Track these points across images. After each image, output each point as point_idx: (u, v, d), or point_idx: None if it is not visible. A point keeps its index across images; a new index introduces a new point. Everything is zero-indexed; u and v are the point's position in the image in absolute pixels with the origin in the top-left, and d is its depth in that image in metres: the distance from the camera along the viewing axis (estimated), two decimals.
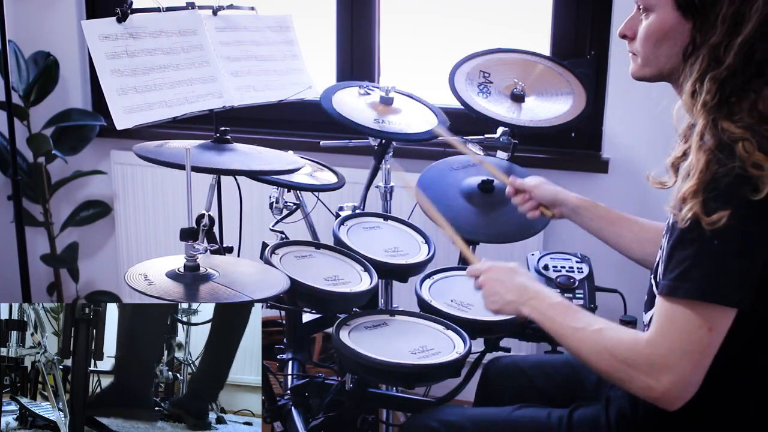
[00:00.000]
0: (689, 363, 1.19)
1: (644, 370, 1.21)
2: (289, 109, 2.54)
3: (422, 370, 1.52)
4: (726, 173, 1.16)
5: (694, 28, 1.28)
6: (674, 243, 1.21)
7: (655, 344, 1.21)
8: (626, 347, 1.24)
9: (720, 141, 1.19)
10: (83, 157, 3.02)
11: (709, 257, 1.17)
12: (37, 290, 3.10)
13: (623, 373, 1.24)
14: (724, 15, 1.23)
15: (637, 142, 2.49)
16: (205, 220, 1.62)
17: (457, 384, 1.71)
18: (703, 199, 1.16)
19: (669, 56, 1.33)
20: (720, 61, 1.23)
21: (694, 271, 1.18)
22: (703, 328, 1.18)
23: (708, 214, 1.15)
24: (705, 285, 1.17)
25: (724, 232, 1.15)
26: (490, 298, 1.46)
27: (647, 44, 1.35)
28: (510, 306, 1.43)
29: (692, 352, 1.19)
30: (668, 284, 1.21)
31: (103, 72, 1.96)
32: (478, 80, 2.26)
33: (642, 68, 1.39)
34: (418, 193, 1.80)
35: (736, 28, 1.23)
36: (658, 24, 1.32)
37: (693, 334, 1.18)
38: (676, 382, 1.19)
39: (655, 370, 1.20)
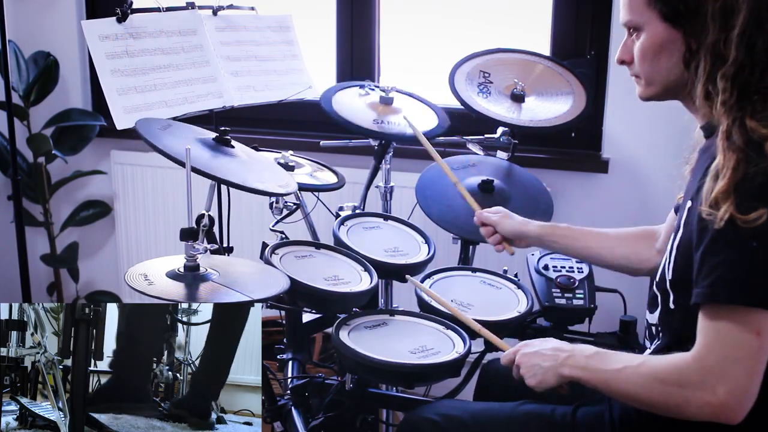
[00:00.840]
0: (742, 370, 1.15)
1: (698, 387, 1.17)
2: (289, 109, 2.54)
3: (422, 370, 1.52)
4: (759, 172, 1.14)
5: (687, 35, 1.28)
6: (708, 246, 1.18)
7: (704, 358, 1.17)
8: (673, 369, 1.21)
9: (749, 139, 1.17)
10: (83, 157, 3.02)
11: (747, 259, 1.14)
12: (37, 290, 3.10)
13: (678, 397, 1.20)
14: (712, 13, 1.23)
15: (637, 142, 2.49)
16: (205, 220, 1.62)
17: (457, 384, 1.71)
18: (737, 198, 1.14)
19: (669, 69, 1.32)
20: (724, 57, 1.22)
21: (733, 273, 1.15)
22: (750, 332, 1.14)
23: (744, 214, 1.12)
24: (746, 287, 1.14)
25: (763, 231, 1.12)
26: (530, 372, 1.39)
27: (645, 63, 1.35)
28: (550, 372, 1.36)
29: (743, 359, 1.15)
30: (705, 291, 1.17)
31: (103, 72, 1.97)
32: (478, 80, 2.26)
33: (647, 88, 1.38)
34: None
35: (728, 22, 1.22)
36: (650, 40, 1.32)
37: (741, 340, 1.14)
38: (732, 391, 1.15)
39: (709, 384, 1.16)
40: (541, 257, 2.03)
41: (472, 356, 1.65)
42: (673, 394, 1.20)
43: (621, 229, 1.70)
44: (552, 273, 1.99)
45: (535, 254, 2.05)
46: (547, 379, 1.37)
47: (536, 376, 1.38)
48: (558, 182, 2.56)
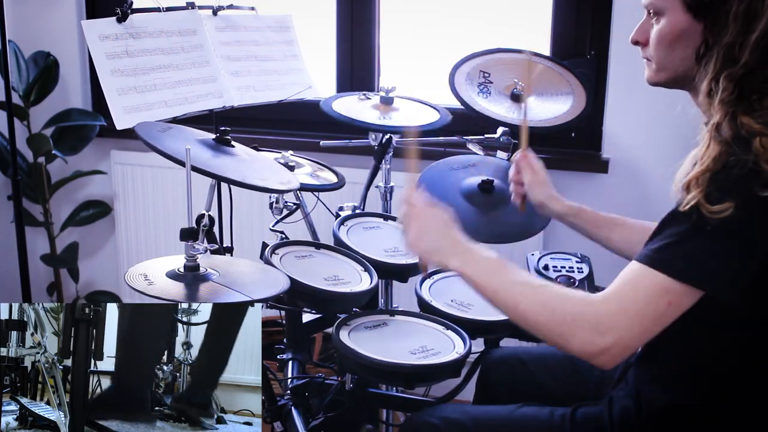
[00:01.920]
0: (638, 326, 1.18)
1: (589, 325, 1.19)
2: (289, 109, 2.54)
3: (422, 370, 1.52)
4: (738, 165, 1.15)
5: (706, 29, 1.27)
6: (666, 219, 1.21)
7: (609, 301, 1.20)
8: (574, 303, 1.22)
9: (737, 134, 1.18)
10: (83, 157, 3.02)
11: (696, 239, 1.16)
12: (37, 290, 3.10)
13: (565, 328, 1.21)
14: (736, 13, 1.22)
15: (637, 142, 2.49)
16: (205, 220, 1.62)
17: (457, 384, 1.71)
18: (709, 187, 1.15)
19: (683, 59, 1.32)
20: (735, 59, 1.22)
21: (677, 248, 1.17)
22: (663, 298, 1.17)
23: (711, 203, 1.14)
24: (683, 264, 1.16)
25: (723, 222, 1.13)
26: (419, 237, 1.38)
27: (660, 48, 1.34)
28: (437, 253, 1.36)
29: (644, 317, 1.18)
30: (647, 254, 1.19)
31: (103, 72, 1.97)
32: (478, 80, 2.26)
33: (657, 73, 1.37)
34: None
35: (749, 26, 1.22)
36: (669, 27, 1.32)
37: (652, 302, 1.17)
38: (618, 341, 1.18)
39: (602, 326, 1.18)
40: (541, 257, 2.03)
41: (472, 356, 1.65)
42: (563, 324, 1.22)
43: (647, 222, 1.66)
44: (552, 273, 1.98)
45: (535, 254, 2.05)
46: (428, 251, 1.37)
47: (423, 245, 1.38)
48: (558, 182, 2.54)
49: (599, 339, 1.18)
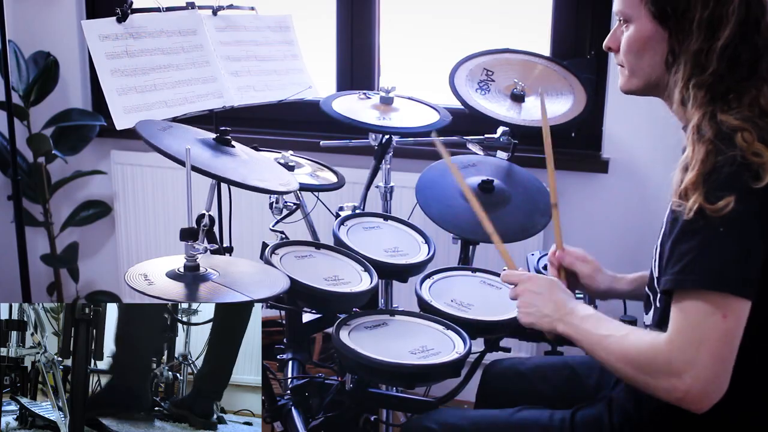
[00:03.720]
0: (707, 354, 1.14)
1: (664, 371, 1.18)
2: (289, 109, 2.54)
3: (422, 370, 1.52)
4: (727, 161, 1.15)
5: (671, 37, 1.28)
6: (677, 236, 1.19)
7: (672, 342, 1.18)
8: (645, 350, 1.21)
9: (719, 131, 1.19)
10: (83, 157, 3.02)
11: (715, 244, 1.15)
12: (37, 290, 3.09)
13: (646, 378, 1.21)
14: (699, 21, 1.24)
15: (637, 142, 2.49)
16: (205, 220, 1.62)
17: (457, 384, 1.71)
18: (706, 189, 1.15)
19: (652, 66, 1.33)
20: (703, 67, 1.24)
21: (699, 260, 1.16)
22: (715, 315, 1.14)
23: (712, 203, 1.14)
24: (712, 273, 1.15)
25: (729, 218, 1.13)
26: (526, 309, 1.43)
27: (629, 55, 1.36)
28: (545, 320, 1.39)
29: (708, 341, 1.14)
30: (672, 278, 1.18)
31: (103, 72, 1.97)
32: (479, 77, 2.26)
33: (629, 80, 1.39)
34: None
35: (714, 33, 1.23)
36: (637, 34, 1.33)
37: (706, 322, 1.15)
38: (698, 377, 1.15)
39: (675, 368, 1.16)
40: (541, 257, 2.03)
41: (472, 356, 1.65)
42: (642, 374, 1.22)
43: None
44: (551, 272, 1.98)
45: (535, 254, 2.05)
46: (540, 325, 1.41)
47: (531, 316, 1.42)
48: (558, 182, 2.55)
49: (679, 382, 1.17)
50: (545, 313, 1.40)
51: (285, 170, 1.94)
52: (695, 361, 1.15)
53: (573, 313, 1.36)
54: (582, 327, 1.34)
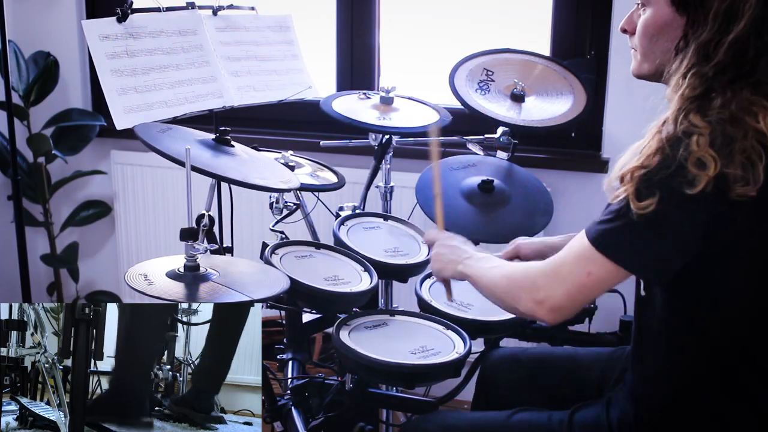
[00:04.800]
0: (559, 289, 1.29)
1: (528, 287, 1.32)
2: (289, 109, 2.54)
3: (422, 370, 1.52)
4: (666, 165, 1.18)
5: (687, 24, 1.28)
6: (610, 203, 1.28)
7: (545, 266, 1.32)
8: (522, 269, 1.38)
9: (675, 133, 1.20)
10: (83, 157, 3.02)
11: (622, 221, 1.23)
12: (37, 290, 3.10)
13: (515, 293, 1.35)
14: (716, 11, 1.23)
15: (637, 142, 2.49)
16: (205, 220, 1.62)
17: (457, 384, 1.71)
18: (639, 184, 1.20)
19: (664, 52, 1.33)
20: (709, 58, 1.23)
21: (606, 224, 1.25)
22: (585, 267, 1.26)
23: (639, 200, 1.19)
24: (604, 238, 1.24)
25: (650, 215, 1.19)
26: (436, 259, 1.58)
27: (644, 39, 1.36)
28: (450, 266, 1.54)
29: (565, 280, 1.28)
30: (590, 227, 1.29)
31: (103, 72, 1.97)
32: (479, 77, 2.26)
33: (641, 64, 1.39)
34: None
35: (727, 26, 1.23)
36: (653, 18, 1.33)
37: (576, 267, 1.27)
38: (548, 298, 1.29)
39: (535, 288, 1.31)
40: None
41: (472, 356, 1.65)
42: (513, 288, 1.36)
43: None
44: None
45: None
46: (445, 270, 1.56)
47: (438, 263, 1.58)
48: (558, 182, 2.56)
49: (535, 295, 1.31)
50: (450, 259, 1.54)
51: (285, 168, 1.94)
52: (552, 289, 1.30)
53: (472, 257, 1.52)
54: (476, 265, 1.49)
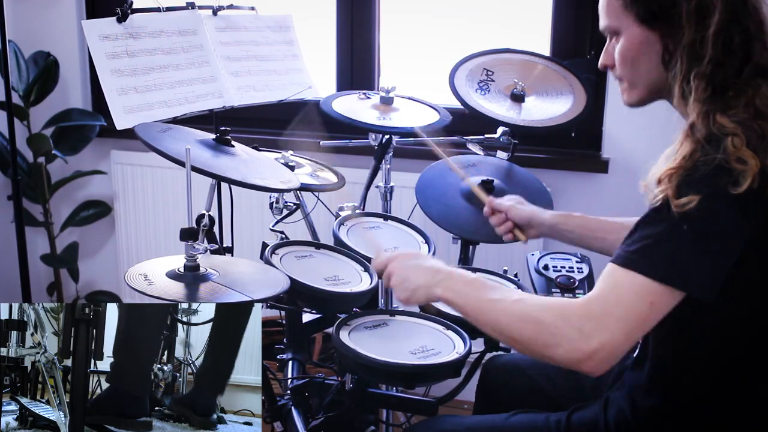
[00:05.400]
0: (621, 331, 1.16)
1: (574, 331, 1.17)
2: (289, 109, 2.54)
3: (422, 370, 1.52)
4: (706, 162, 1.15)
5: (663, 36, 1.28)
6: (642, 219, 1.21)
7: (591, 306, 1.18)
8: (553, 310, 1.20)
9: (710, 133, 1.18)
10: (83, 157, 3.02)
11: (673, 239, 1.16)
12: (37, 290, 3.10)
13: (550, 337, 1.19)
14: (687, 12, 1.23)
15: (637, 142, 2.49)
16: (205, 220, 1.62)
17: (457, 384, 1.71)
18: (678, 182, 1.16)
19: (649, 70, 1.32)
20: (699, 57, 1.23)
21: (655, 250, 1.17)
22: (645, 303, 1.16)
23: (678, 197, 1.15)
24: (663, 266, 1.16)
25: (694, 217, 1.14)
26: (401, 285, 1.40)
27: (625, 66, 1.35)
28: (421, 291, 1.37)
29: (627, 321, 1.16)
30: (626, 256, 1.19)
31: (103, 72, 1.97)
32: (479, 77, 2.26)
33: (631, 92, 1.38)
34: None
35: (704, 21, 1.22)
36: (628, 44, 1.32)
37: (633, 306, 1.16)
38: (605, 344, 1.16)
39: (586, 330, 1.16)
40: (541, 257, 2.03)
41: (472, 356, 1.65)
42: (546, 332, 1.19)
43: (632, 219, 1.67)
44: (552, 273, 1.98)
45: (535, 254, 2.05)
46: (417, 296, 1.38)
47: (406, 291, 1.39)
48: (558, 182, 2.56)
49: (585, 344, 1.16)
50: (420, 283, 1.37)
51: (286, 168, 1.94)
52: (610, 333, 1.16)
53: (452, 277, 1.35)
54: (464, 291, 1.32)
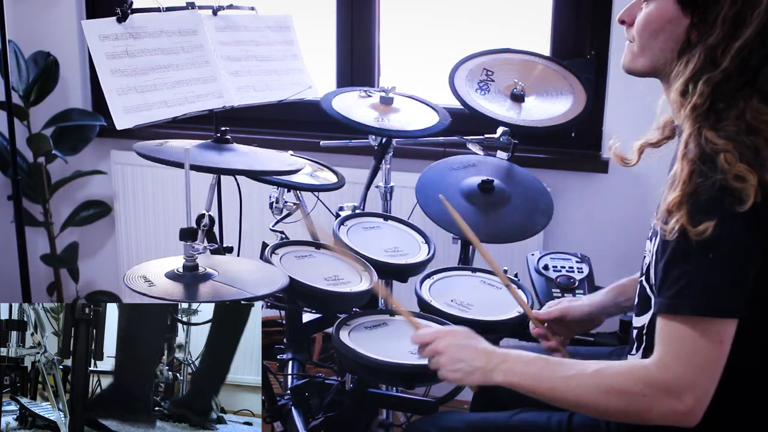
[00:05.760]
0: (706, 378, 1.17)
1: (664, 395, 1.17)
2: (289, 109, 2.54)
3: (422, 370, 1.52)
4: (709, 185, 1.15)
5: (692, 25, 1.26)
6: (669, 259, 1.19)
7: (668, 367, 1.18)
8: (635, 379, 1.20)
9: (703, 151, 1.18)
10: (83, 157, 3.02)
11: (704, 270, 1.15)
12: (37, 290, 3.09)
13: (640, 405, 1.19)
14: (725, 16, 1.22)
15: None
16: (205, 220, 1.62)
17: (457, 384, 1.71)
18: (688, 210, 1.15)
19: (664, 50, 1.31)
20: (716, 63, 1.22)
21: (692, 286, 1.16)
22: (714, 341, 1.16)
23: (694, 225, 1.14)
24: (706, 299, 1.16)
25: (714, 243, 1.14)
26: (453, 366, 1.34)
27: (644, 33, 1.33)
28: (477, 374, 1.32)
29: (707, 367, 1.17)
30: (668, 302, 1.18)
31: (103, 72, 1.96)
32: (479, 77, 2.26)
33: (636, 58, 1.36)
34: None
35: (735, 31, 1.21)
36: (657, 13, 1.30)
37: (705, 349, 1.16)
38: (699, 398, 1.17)
39: (675, 392, 1.17)
40: (541, 257, 2.03)
41: None
42: (636, 402, 1.19)
43: None
44: (552, 273, 1.99)
45: (535, 254, 2.05)
46: (472, 379, 1.33)
47: (459, 372, 1.34)
48: (558, 182, 2.56)
49: (680, 404, 1.17)
50: (476, 366, 1.32)
51: (287, 155, 1.93)
52: (698, 384, 1.17)
53: (509, 359, 1.31)
54: (530, 372, 1.29)
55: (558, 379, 1.26)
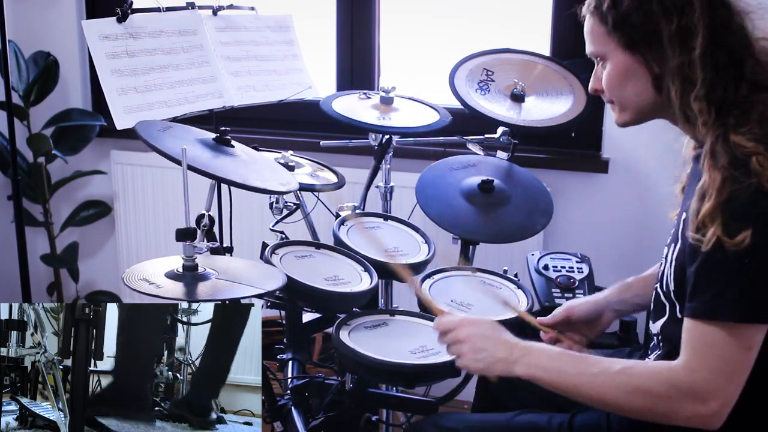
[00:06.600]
0: (732, 383, 1.17)
1: (689, 398, 1.18)
2: (289, 109, 2.54)
3: (422, 370, 1.52)
4: (743, 191, 1.14)
5: (648, 60, 1.28)
6: (701, 264, 1.18)
7: (695, 370, 1.18)
8: (661, 380, 1.20)
9: (733, 157, 1.17)
10: (83, 157, 3.02)
11: (740, 277, 1.15)
12: (37, 290, 3.09)
13: (665, 407, 1.19)
14: (669, 36, 1.23)
15: (637, 142, 2.49)
16: (205, 220, 1.62)
17: (457, 384, 1.71)
18: (723, 220, 1.14)
19: (638, 93, 1.32)
20: (691, 80, 1.23)
21: (729, 292, 1.15)
22: (743, 348, 1.16)
23: (731, 236, 1.13)
24: (743, 306, 1.15)
25: (752, 250, 1.13)
26: (475, 355, 1.34)
27: (615, 91, 1.36)
28: (499, 365, 1.32)
29: (734, 373, 1.17)
30: (703, 307, 1.17)
31: (103, 72, 1.97)
32: (479, 77, 2.26)
33: (622, 114, 1.39)
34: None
35: (687, 45, 1.23)
36: (615, 69, 1.33)
37: (734, 356, 1.16)
38: (724, 403, 1.17)
39: (701, 396, 1.17)
40: (541, 257, 2.03)
41: None
42: (660, 403, 1.20)
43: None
44: (552, 273, 1.99)
45: (535, 254, 2.05)
46: (493, 370, 1.33)
47: (482, 362, 1.33)
48: (558, 182, 2.56)
49: (704, 408, 1.17)
50: (499, 357, 1.32)
51: (285, 170, 1.94)
52: (721, 390, 1.17)
53: (531, 352, 1.31)
54: (554, 367, 1.28)
55: (582, 375, 1.26)
